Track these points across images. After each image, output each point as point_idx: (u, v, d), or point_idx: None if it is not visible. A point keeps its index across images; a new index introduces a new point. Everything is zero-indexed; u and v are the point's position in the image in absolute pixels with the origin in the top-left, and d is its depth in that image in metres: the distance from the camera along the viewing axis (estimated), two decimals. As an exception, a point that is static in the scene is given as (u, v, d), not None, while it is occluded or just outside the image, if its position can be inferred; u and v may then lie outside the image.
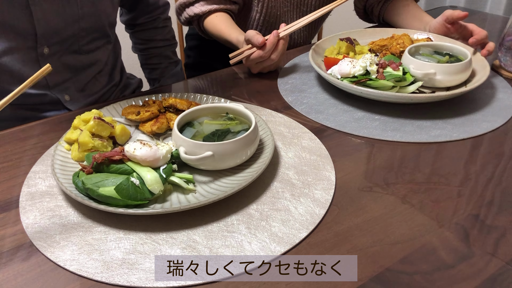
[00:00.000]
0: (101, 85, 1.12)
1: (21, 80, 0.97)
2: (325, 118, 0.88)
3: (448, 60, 0.98)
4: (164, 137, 0.81)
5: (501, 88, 1.00)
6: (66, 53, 1.02)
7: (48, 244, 0.60)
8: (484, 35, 1.04)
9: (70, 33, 0.99)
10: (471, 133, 0.84)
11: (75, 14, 0.98)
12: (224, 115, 0.78)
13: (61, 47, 1.00)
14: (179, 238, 0.61)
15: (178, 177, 0.68)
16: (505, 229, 0.63)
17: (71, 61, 1.03)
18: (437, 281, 0.55)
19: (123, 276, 0.55)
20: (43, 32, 0.95)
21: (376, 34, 1.17)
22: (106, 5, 1.05)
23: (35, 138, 0.83)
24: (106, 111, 0.85)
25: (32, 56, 0.96)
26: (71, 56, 1.03)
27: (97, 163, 0.66)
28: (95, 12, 1.02)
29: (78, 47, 1.03)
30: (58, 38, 0.98)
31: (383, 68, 0.91)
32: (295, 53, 1.17)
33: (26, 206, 0.66)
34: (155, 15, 1.28)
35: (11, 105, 1.00)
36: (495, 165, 0.76)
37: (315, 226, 0.63)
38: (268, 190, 0.69)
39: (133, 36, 1.33)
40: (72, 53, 1.03)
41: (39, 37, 0.95)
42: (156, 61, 1.33)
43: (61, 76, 1.03)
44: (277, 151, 0.78)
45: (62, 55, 1.01)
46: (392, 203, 0.67)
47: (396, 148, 0.80)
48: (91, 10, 1.01)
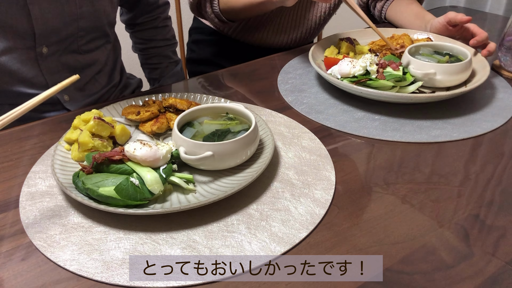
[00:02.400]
0: (100, 85, 1.12)
1: (20, 80, 0.98)
2: (325, 118, 0.88)
3: (448, 60, 0.98)
4: (164, 137, 0.81)
5: (501, 88, 1.00)
6: (65, 53, 1.02)
7: (48, 244, 0.60)
8: (484, 36, 1.04)
9: (69, 32, 0.99)
10: (471, 133, 0.84)
11: (73, 13, 0.98)
12: (224, 115, 0.78)
13: (60, 46, 1.00)
14: (179, 238, 0.61)
15: (178, 177, 0.68)
16: (505, 229, 0.63)
17: (70, 61, 1.03)
18: (437, 281, 0.55)
19: (123, 276, 0.55)
20: (41, 32, 0.94)
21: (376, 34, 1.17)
22: (105, 4, 1.04)
23: (35, 138, 0.83)
24: (106, 111, 0.85)
25: (31, 55, 0.96)
26: (70, 56, 1.03)
27: (97, 163, 0.66)
28: (94, 11, 1.02)
29: (77, 47, 1.03)
30: (57, 38, 0.98)
31: (383, 68, 0.91)
32: (295, 53, 1.17)
33: (26, 206, 0.66)
34: (155, 14, 1.28)
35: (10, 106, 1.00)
36: (495, 165, 0.76)
37: (315, 226, 0.63)
38: (268, 190, 0.69)
39: (133, 35, 1.33)
40: (71, 53, 1.03)
41: (38, 36, 0.94)
42: (156, 60, 1.33)
43: (60, 76, 1.02)
44: (277, 151, 0.78)
45: (61, 55, 1.01)
46: (392, 203, 0.67)
47: (396, 148, 0.80)
48: (89, 9, 1.00)
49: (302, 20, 1.34)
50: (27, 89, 0.98)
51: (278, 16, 1.31)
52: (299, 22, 1.35)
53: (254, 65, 1.13)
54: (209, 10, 1.21)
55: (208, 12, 1.22)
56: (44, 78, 0.99)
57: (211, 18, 1.23)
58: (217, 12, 1.21)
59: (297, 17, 1.33)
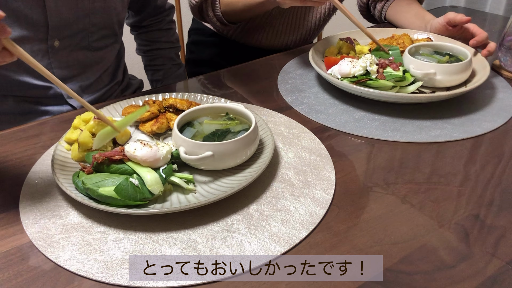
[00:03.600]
0: (104, 83, 1.13)
1: (27, 71, 0.98)
2: (325, 118, 0.88)
3: (448, 60, 0.98)
4: (164, 137, 0.81)
5: (501, 88, 1.00)
6: (76, 49, 1.03)
7: (48, 244, 0.60)
8: (484, 36, 1.04)
9: (80, 27, 1.01)
10: (471, 133, 0.84)
11: (86, 8, 0.99)
12: (224, 115, 0.78)
13: (72, 41, 1.01)
14: (179, 238, 0.61)
15: (178, 177, 0.68)
16: (505, 229, 0.63)
17: (81, 57, 1.05)
18: (437, 281, 0.55)
19: (123, 276, 0.55)
20: (54, 24, 0.96)
21: (376, 34, 1.17)
22: (116, 2, 1.06)
23: (35, 138, 0.83)
24: (106, 111, 0.85)
25: (42, 48, 0.97)
26: (81, 52, 1.04)
27: (97, 163, 0.66)
28: (106, 8, 1.03)
29: (88, 43, 1.04)
30: (69, 32, 0.99)
31: (383, 68, 0.91)
32: (295, 53, 1.17)
33: (26, 206, 0.66)
34: (160, 17, 1.29)
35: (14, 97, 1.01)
36: (495, 165, 0.76)
37: (315, 226, 0.63)
38: (268, 190, 0.69)
39: (138, 37, 1.34)
40: (82, 49, 1.04)
41: (51, 28, 0.96)
42: (159, 62, 1.34)
43: (69, 71, 1.04)
44: (277, 151, 0.78)
45: (72, 50, 1.02)
46: (392, 203, 0.67)
47: (396, 148, 0.80)
48: (102, 5, 1.02)
49: (302, 21, 1.35)
50: (33, 80, 0.99)
51: (278, 18, 1.31)
52: (299, 24, 1.35)
53: (254, 65, 1.13)
54: (211, 14, 1.21)
55: (210, 16, 1.22)
56: (53, 71, 0.99)
57: (213, 21, 1.23)
58: (219, 15, 1.20)
59: (297, 19, 1.33)
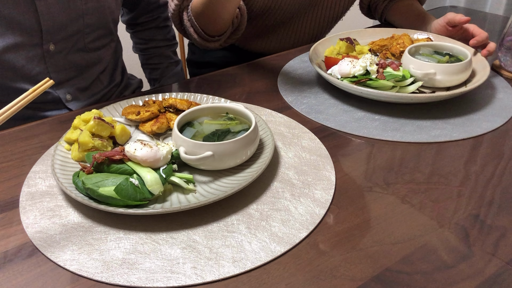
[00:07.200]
0: (103, 85, 1.13)
1: (23, 77, 0.98)
2: (325, 118, 0.88)
3: (448, 60, 0.98)
4: (164, 137, 0.81)
5: (501, 88, 1.00)
6: (72, 51, 1.02)
7: (48, 244, 0.60)
8: (484, 36, 1.04)
9: (75, 29, 1.00)
10: (471, 133, 0.84)
11: (79, 9, 0.99)
12: (224, 115, 0.78)
13: (67, 44, 1.01)
14: (179, 238, 0.61)
15: (178, 177, 0.68)
16: (505, 229, 0.63)
17: (77, 59, 1.04)
18: (437, 281, 0.55)
19: (123, 276, 0.55)
20: (48, 28, 0.95)
21: (376, 34, 1.17)
22: (109, 0, 1.06)
23: (35, 138, 0.83)
24: (106, 111, 0.85)
25: (37, 53, 0.97)
26: (77, 54, 1.04)
27: (97, 163, 0.66)
28: (99, 7, 1.03)
29: (84, 44, 1.04)
30: (64, 34, 0.99)
31: (383, 68, 0.91)
32: (295, 53, 1.17)
33: (26, 206, 0.66)
34: (155, 14, 1.29)
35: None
36: (495, 165, 0.76)
37: (315, 226, 0.63)
38: (268, 190, 0.69)
39: (134, 35, 1.33)
40: (78, 51, 1.04)
41: (45, 33, 0.95)
42: (156, 60, 1.34)
43: (67, 74, 1.03)
44: (277, 151, 0.78)
45: (68, 53, 1.02)
46: (392, 203, 0.67)
47: (396, 148, 0.80)
48: (95, 5, 1.02)
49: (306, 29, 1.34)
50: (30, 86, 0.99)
51: (281, 26, 1.31)
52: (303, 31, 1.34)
53: (254, 65, 1.13)
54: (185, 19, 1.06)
55: (185, 21, 1.07)
56: (50, 76, 0.99)
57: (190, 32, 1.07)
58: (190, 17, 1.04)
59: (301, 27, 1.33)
